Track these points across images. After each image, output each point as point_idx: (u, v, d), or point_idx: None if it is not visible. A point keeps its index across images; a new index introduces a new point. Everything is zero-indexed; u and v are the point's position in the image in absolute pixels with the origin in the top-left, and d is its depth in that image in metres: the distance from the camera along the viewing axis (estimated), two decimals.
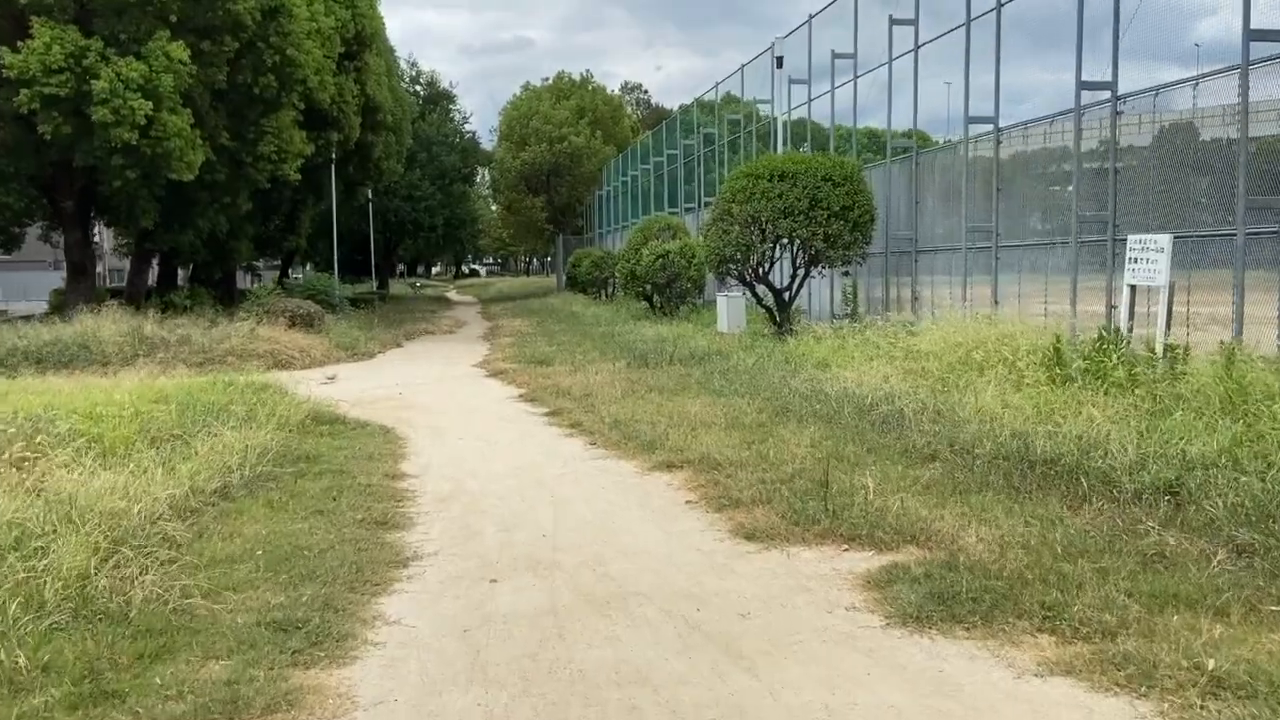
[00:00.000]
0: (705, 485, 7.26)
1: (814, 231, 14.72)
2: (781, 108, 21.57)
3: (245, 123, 22.97)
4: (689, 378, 12.69)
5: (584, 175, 41.38)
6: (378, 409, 11.97)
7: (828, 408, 9.45)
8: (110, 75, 19.16)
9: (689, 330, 19.93)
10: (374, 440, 9.61)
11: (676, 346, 16.63)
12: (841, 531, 5.82)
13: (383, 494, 7.30)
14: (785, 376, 11.76)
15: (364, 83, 27.89)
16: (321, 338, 19.35)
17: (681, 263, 22.86)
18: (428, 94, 43.49)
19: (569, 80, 43.16)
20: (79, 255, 23.87)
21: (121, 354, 17.11)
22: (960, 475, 6.82)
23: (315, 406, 10.81)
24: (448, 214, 42.76)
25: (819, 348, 13.29)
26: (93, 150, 20.10)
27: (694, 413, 9.88)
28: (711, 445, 8.27)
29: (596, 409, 10.83)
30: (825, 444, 8.06)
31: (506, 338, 22.34)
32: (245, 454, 8.00)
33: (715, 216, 15.64)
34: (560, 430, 10.18)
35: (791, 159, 15.35)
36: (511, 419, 11.10)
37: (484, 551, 5.93)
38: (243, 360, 17.15)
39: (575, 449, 9.15)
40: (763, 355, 13.85)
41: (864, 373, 10.91)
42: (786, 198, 14.79)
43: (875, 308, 17.03)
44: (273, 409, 10.05)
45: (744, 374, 12.47)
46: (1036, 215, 13.13)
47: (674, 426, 9.28)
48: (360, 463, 8.42)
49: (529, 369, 15.40)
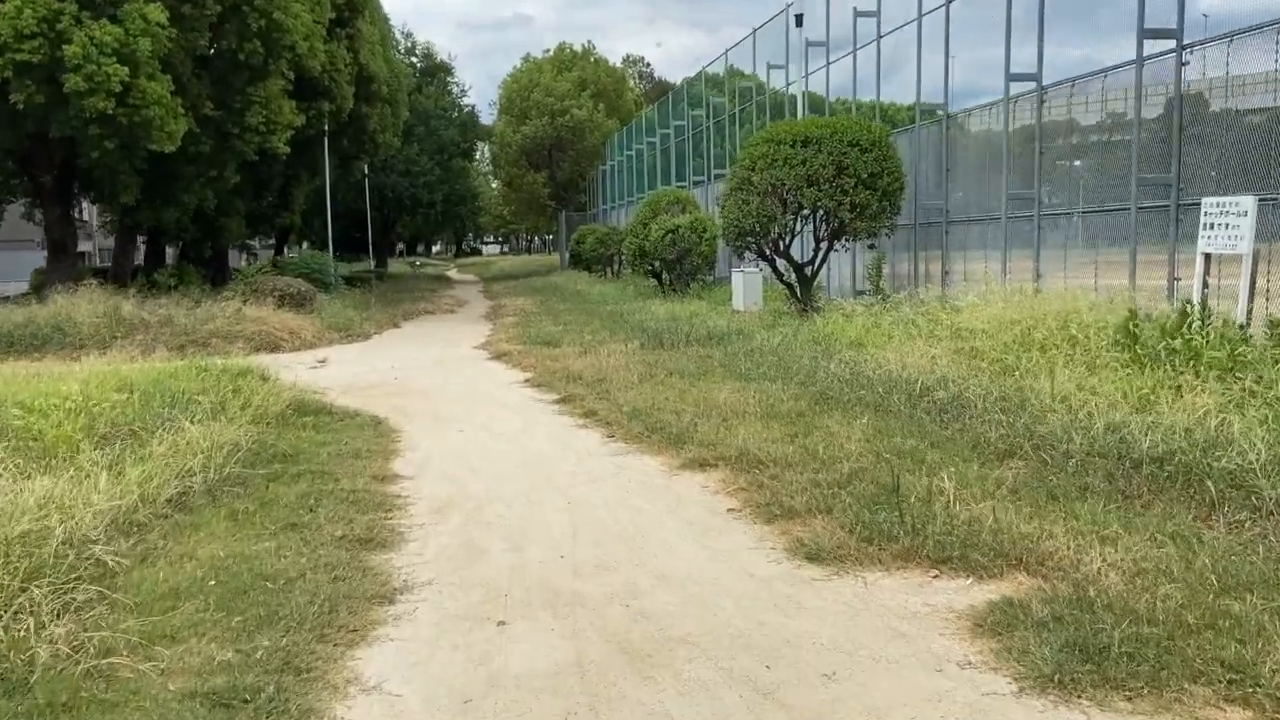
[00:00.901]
0: (748, 488, 6.16)
1: (840, 201, 13.55)
2: (798, 73, 20.32)
3: (231, 91, 21.70)
4: (710, 360, 11.58)
5: (587, 149, 40.04)
6: (370, 396, 10.86)
7: (873, 394, 8.34)
8: (83, 40, 17.91)
9: (702, 308, 18.80)
10: (363, 433, 8.50)
11: (692, 326, 15.50)
12: (926, 552, 4.73)
13: (369, 501, 6.20)
14: (817, 358, 10.64)
15: (357, 50, 26.55)
16: (313, 318, 18.22)
17: (692, 238, 21.69)
18: (424, 66, 41.99)
19: (571, 52, 41.67)
20: (59, 232, 22.70)
21: (97, 336, 16.00)
22: (1052, 477, 5.72)
23: (299, 394, 9.70)
24: (447, 190, 41.38)
25: (849, 326, 12.15)
26: (68, 120, 18.87)
27: (722, 400, 8.77)
28: (748, 438, 7.16)
29: (612, 395, 9.73)
30: (880, 437, 6.96)
31: (510, 317, 21.20)
32: (210, 453, 6.89)
33: (733, 186, 14.46)
34: (573, 420, 9.07)
35: (815, 123, 14.15)
36: (518, 407, 9.99)
37: (490, 578, 4.83)
38: (227, 343, 16.03)
39: (591, 443, 8.04)
40: (787, 335, 12.73)
41: (906, 354, 9.78)
42: (811, 164, 13.60)
43: (900, 284, 15.89)
44: (248, 398, 8.95)
45: (770, 355, 11.35)
46: (1085, 181, 11.96)
47: (702, 416, 8.18)
48: (346, 462, 7.31)
49: (535, 350, 14.28)
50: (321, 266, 23.00)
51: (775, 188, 13.92)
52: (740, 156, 14.64)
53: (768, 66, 21.04)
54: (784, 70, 20.87)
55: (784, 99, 21.12)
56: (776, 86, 21.79)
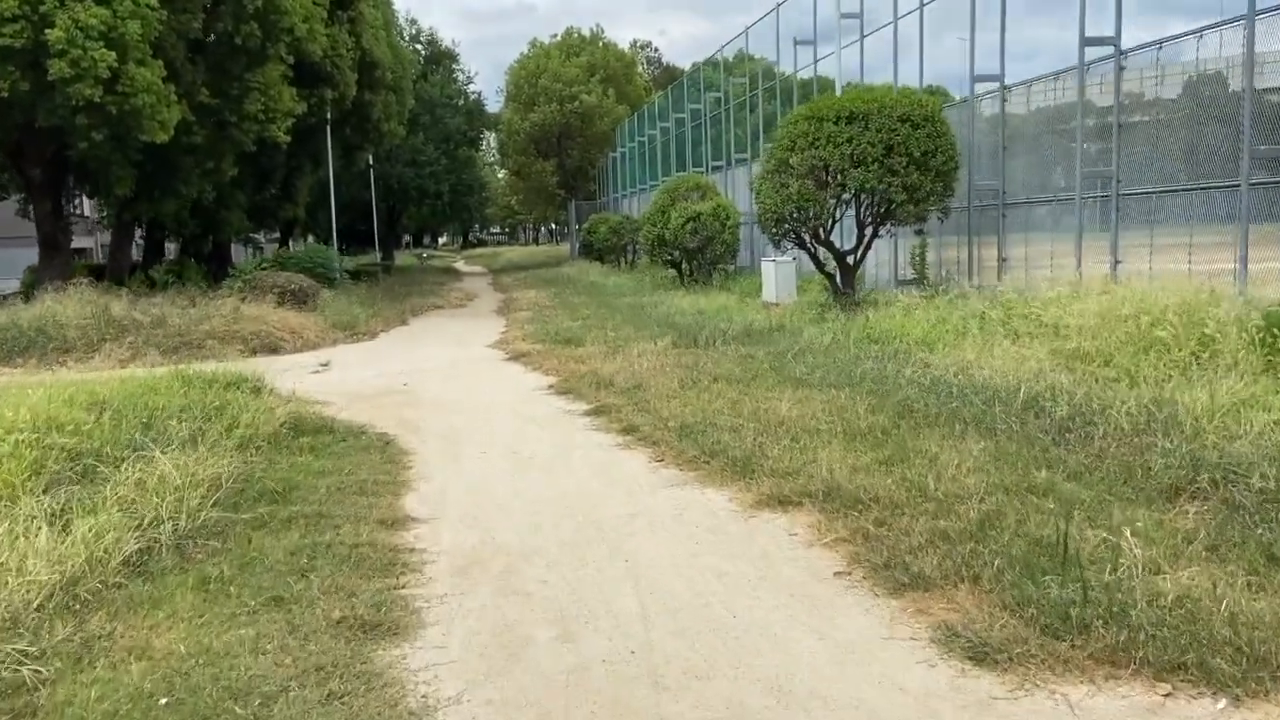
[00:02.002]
0: (851, 538, 4.83)
1: (889, 182, 12.17)
2: (825, 50, 18.91)
3: (227, 78, 20.33)
4: (755, 361, 10.24)
5: (596, 136, 38.58)
6: (377, 408, 9.55)
7: (969, 408, 6.99)
8: (67, 22, 16.56)
9: (729, 301, 17.46)
10: (370, 459, 7.19)
11: (724, 321, 14.17)
12: (1142, 653, 3.39)
13: (376, 560, 4.88)
14: (882, 360, 9.30)
15: (359, 35, 25.16)
16: (316, 316, 16.91)
17: (715, 225, 20.32)
18: (429, 53, 40.48)
19: (579, 36, 40.13)
20: (50, 228, 21.39)
21: (85, 339, 14.71)
22: (1257, 528, 4.39)
23: (297, 409, 8.39)
24: (453, 180, 39.93)
25: (909, 322, 10.81)
26: (54, 109, 17.53)
27: (785, 413, 7.44)
28: (832, 465, 5.84)
29: (652, 406, 8.40)
30: (998, 466, 5.63)
31: (523, 312, 19.86)
32: (185, 492, 5.60)
33: (770, 168, 13.08)
34: (611, 438, 7.74)
35: (860, 96, 12.74)
36: (546, 420, 8.67)
37: (537, 693, 3.51)
38: (224, 344, 14.73)
39: (638, 469, 6.72)
40: (836, 332, 11.38)
41: (990, 356, 8.44)
42: (857, 143, 12.22)
43: (948, 272, 14.52)
44: (237, 416, 7.65)
45: (823, 356, 10.01)
46: (1176, 154, 10.57)
47: (766, 434, 6.85)
48: (348, 499, 6.00)
49: (556, 350, 12.95)
50: (325, 261, 21.67)
51: (816, 169, 12.54)
52: (778, 136, 13.26)
53: (795, 42, 19.59)
54: (811, 46, 19.44)
55: (812, 81, 19.69)
56: (786, 70, 20.35)
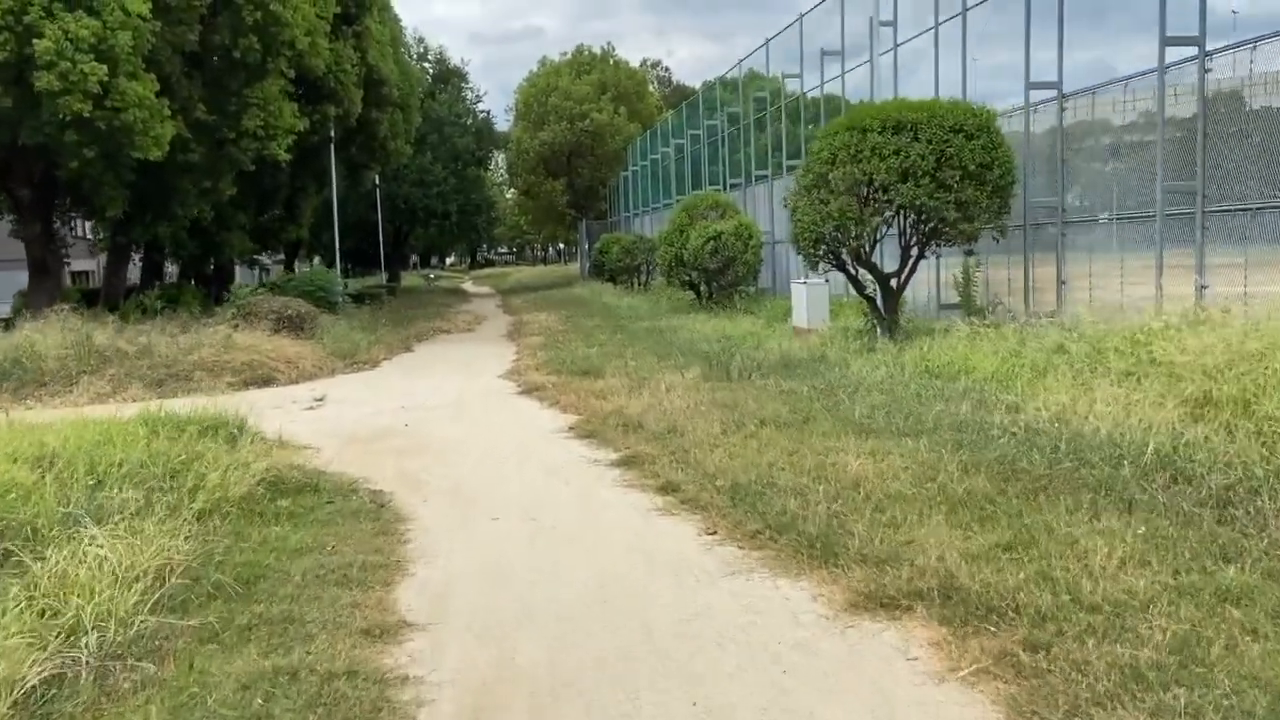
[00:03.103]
0: (998, 670, 3.54)
1: (942, 198, 10.93)
2: (810, 83, 17.75)
3: (225, 93, 19.24)
4: (802, 399, 8.96)
5: (607, 155, 37.49)
6: (373, 454, 8.30)
7: (1088, 469, 5.69)
8: (56, 33, 15.47)
9: (755, 326, 16.20)
10: (359, 529, 5.91)
11: (755, 349, 12.91)
12: None
13: (356, 703, 3.60)
14: (952, 402, 8.02)
15: (364, 50, 24.09)
16: (313, 344, 15.68)
17: (737, 245, 19.12)
18: (437, 71, 39.51)
19: (589, 54, 39.14)
20: (41, 251, 20.23)
21: (64, 371, 13.51)
22: None
23: (278, 461, 7.13)
24: (461, 200, 38.85)
25: (973, 354, 9.52)
26: (40, 126, 16.44)
27: (857, 470, 6.16)
28: (945, 550, 4.56)
29: (692, 456, 7.13)
30: (1161, 557, 4.34)
31: (534, 336, 18.63)
32: (120, 589, 4.35)
33: (807, 184, 11.84)
34: (648, 498, 6.46)
35: (908, 105, 11.51)
36: (567, 473, 7.40)
37: None
38: (213, 376, 13.51)
39: (687, 545, 5.43)
40: (888, 364, 10.10)
41: (1088, 400, 7.14)
42: (906, 155, 10.98)
43: (996, 296, 13.24)
44: (204, 473, 6.40)
45: (881, 394, 8.73)
46: (1274, 166, 9.31)
47: (841, 500, 5.57)
48: (327, 593, 4.72)
49: (573, 383, 11.69)
50: (325, 284, 20.43)
51: (861, 184, 11.31)
52: (815, 149, 12.03)
53: (822, 53, 18.43)
54: (839, 58, 18.29)
55: (840, 99, 18.52)
56: (806, 85, 19.19)
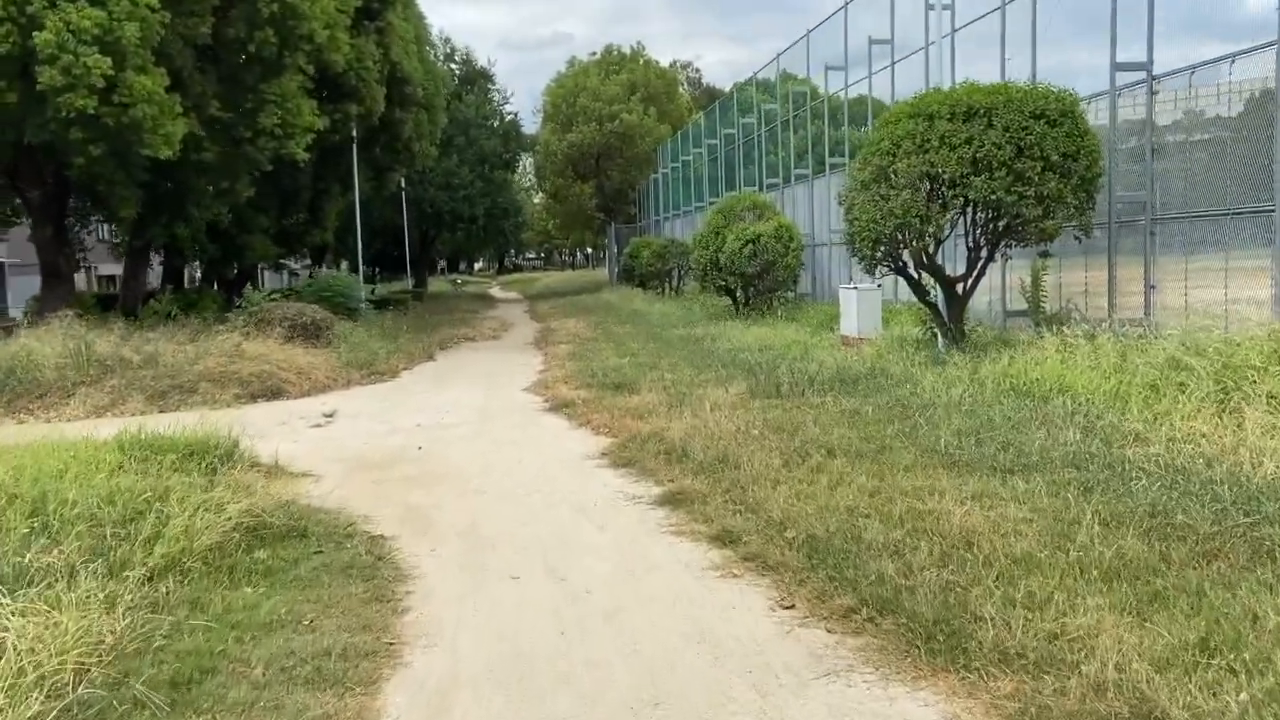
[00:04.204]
0: None
1: (1020, 192, 9.61)
2: (855, 75, 16.47)
3: (241, 89, 18.26)
4: (868, 422, 7.69)
5: (637, 157, 36.29)
6: (379, 485, 7.15)
7: (1265, 526, 4.41)
8: (58, 25, 14.55)
9: (799, 335, 14.92)
10: (347, 593, 4.73)
11: (803, 360, 11.66)
12: None
13: None
14: (1055, 427, 6.72)
15: (387, 47, 23.08)
16: (328, 353, 14.60)
17: (777, 248, 17.87)
18: (463, 73, 38.56)
19: (618, 53, 37.98)
20: (52, 255, 19.38)
21: (62, 381, 12.55)
22: None
23: (260, 501, 5.97)
24: (488, 203, 37.84)
25: (1068, 370, 8.20)
26: (44, 123, 15.55)
27: (962, 520, 4.89)
28: (1121, 651, 3.31)
29: (750, 495, 5.90)
30: None
31: (562, 345, 17.47)
32: (15, 695, 3.21)
33: (865, 178, 10.55)
34: (701, 552, 5.22)
35: (979, 89, 10.20)
36: (602, 514, 6.18)
37: None
38: (219, 388, 12.47)
39: (762, 629, 4.18)
40: (964, 380, 8.80)
41: (1235, 430, 5.83)
42: (980, 144, 9.68)
43: (1070, 301, 11.88)
44: (170, 514, 5.27)
45: (964, 417, 7.44)
46: None
47: (953, 564, 4.32)
48: (291, 700, 3.52)
49: (605, 399, 10.49)
50: (344, 289, 19.36)
51: (928, 178, 10.02)
52: (874, 138, 10.75)
53: (869, 42, 17.12)
54: (888, 45, 16.98)
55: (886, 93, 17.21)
56: (841, 85, 17.89)
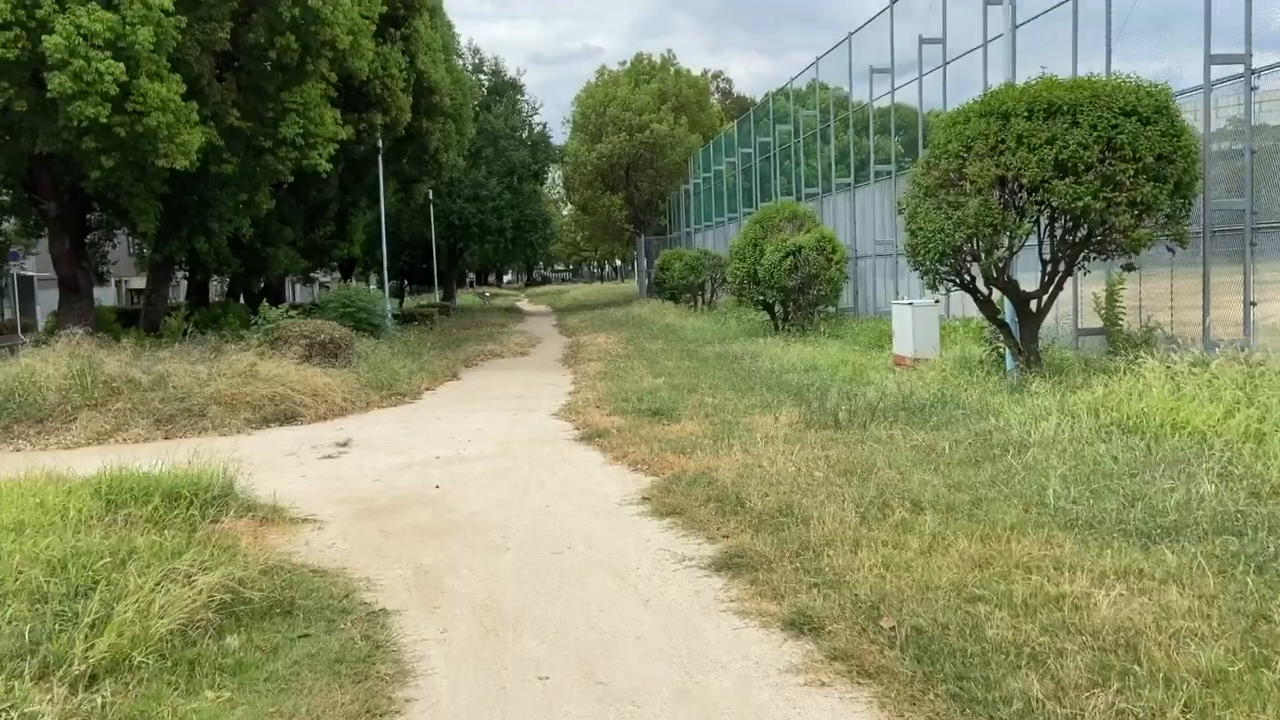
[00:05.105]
0: None
1: (1111, 198, 8.47)
2: (903, 76, 15.37)
3: (261, 97, 17.52)
4: (947, 460, 6.58)
5: (667, 168, 35.33)
6: (387, 537, 6.15)
7: None
8: (68, 28, 13.83)
9: (846, 354, 13.81)
10: (333, 698, 3.68)
11: (854, 382, 10.56)
12: None
13: None
14: (1185, 475, 5.58)
15: (413, 55, 22.31)
16: (347, 373, 13.68)
17: (819, 260, 16.79)
18: (492, 84, 37.87)
19: (649, 62, 37.08)
20: (70, 268, 18.69)
21: (65, 404, 11.72)
22: None
23: (239, 570, 4.98)
24: (517, 215, 37.05)
25: (1181, 403, 7.04)
26: (56, 132, 14.86)
27: (1112, 610, 3.80)
28: None
29: (825, 561, 4.83)
30: None
31: (593, 362, 16.47)
32: None
33: (931, 183, 9.45)
34: (778, 648, 4.14)
35: (1060, 84, 9.07)
36: (647, 585, 5.13)
37: None
38: (231, 410, 11.60)
39: None
40: (1049, 411, 7.66)
41: None
42: (1064, 144, 8.56)
43: (1150, 319, 10.68)
44: (121, 594, 4.29)
45: (1063, 460, 6.31)
46: None
47: (1122, 683, 3.23)
48: None
49: (641, 427, 9.44)
50: (367, 305, 18.44)
51: (1005, 182, 8.91)
52: (939, 139, 9.64)
53: (919, 41, 16.01)
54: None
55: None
56: (888, 88, 16.78)
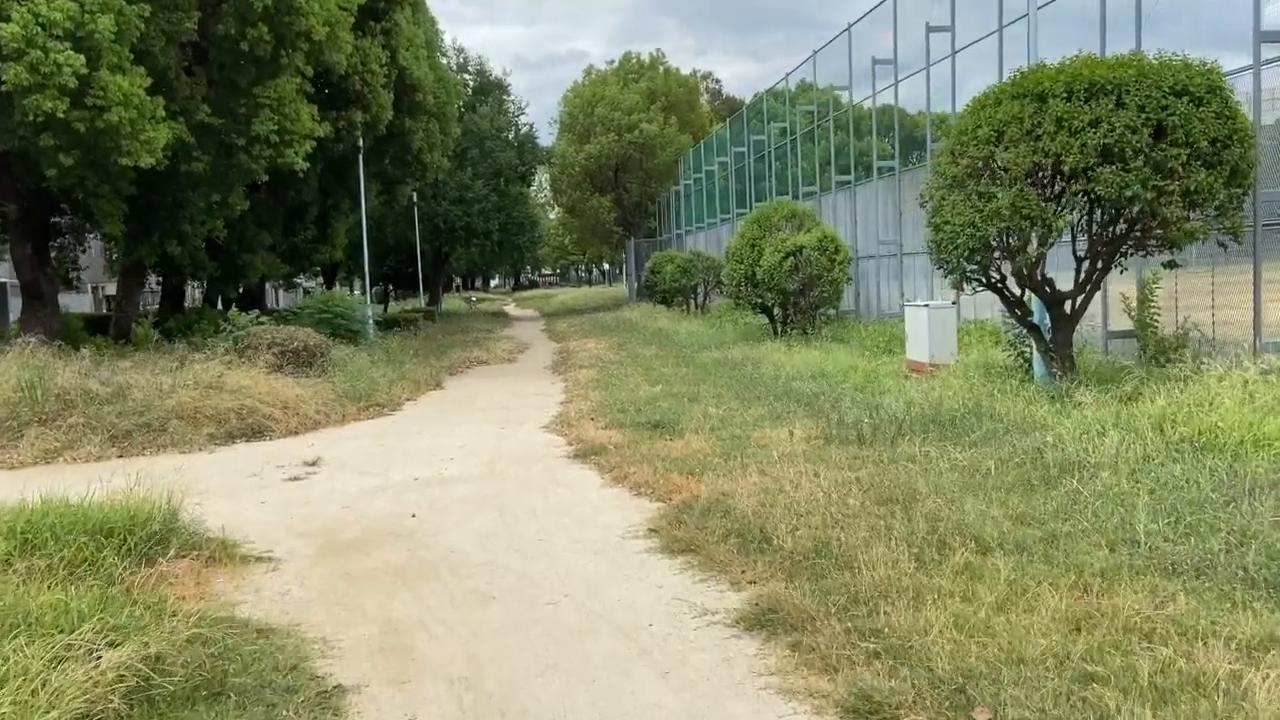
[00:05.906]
0: None
1: (1163, 187, 7.60)
2: (907, 66, 14.53)
3: (233, 92, 16.50)
4: (1000, 485, 5.67)
5: (657, 169, 34.43)
6: (352, 584, 5.18)
7: None
8: (25, 17, 12.82)
9: (854, 359, 12.91)
10: None
11: (869, 390, 9.66)
12: None
13: None
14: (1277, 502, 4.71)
15: (394, 50, 21.31)
16: (321, 384, 12.68)
17: (821, 261, 15.91)
18: (477, 83, 36.89)
19: (637, 61, 36.18)
20: (32, 274, 17.61)
21: (13, 419, 10.69)
22: None
23: (155, 640, 4.01)
24: (503, 218, 36.05)
25: (1258, 415, 6.18)
26: (12, 128, 13.82)
27: (1267, 701, 2.91)
28: None
29: (882, 618, 3.92)
30: None
31: (585, 369, 15.53)
32: None
33: (957, 174, 8.55)
34: None
35: (1102, 63, 8.21)
36: (665, 654, 4.18)
37: None
38: (193, 425, 10.60)
39: None
40: (1105, 425, 6.78)
41: None
42: (1110, 127, 7.69)
43: (1187, 320, 9.82)
44: (4, 673, 3.32)
45: (1132, 481, 5.43)
46: None
47: None
48: None
49: (642, 442, 8.50)
50: (345, 311, 17.40)
51: (1043, 170, 8.03)
52: (964, 126, 8.75)
53: (926, 29, 15.17)
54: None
55: None
56: (891, 80, 15.94)
